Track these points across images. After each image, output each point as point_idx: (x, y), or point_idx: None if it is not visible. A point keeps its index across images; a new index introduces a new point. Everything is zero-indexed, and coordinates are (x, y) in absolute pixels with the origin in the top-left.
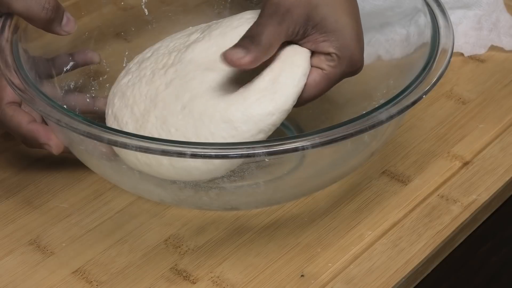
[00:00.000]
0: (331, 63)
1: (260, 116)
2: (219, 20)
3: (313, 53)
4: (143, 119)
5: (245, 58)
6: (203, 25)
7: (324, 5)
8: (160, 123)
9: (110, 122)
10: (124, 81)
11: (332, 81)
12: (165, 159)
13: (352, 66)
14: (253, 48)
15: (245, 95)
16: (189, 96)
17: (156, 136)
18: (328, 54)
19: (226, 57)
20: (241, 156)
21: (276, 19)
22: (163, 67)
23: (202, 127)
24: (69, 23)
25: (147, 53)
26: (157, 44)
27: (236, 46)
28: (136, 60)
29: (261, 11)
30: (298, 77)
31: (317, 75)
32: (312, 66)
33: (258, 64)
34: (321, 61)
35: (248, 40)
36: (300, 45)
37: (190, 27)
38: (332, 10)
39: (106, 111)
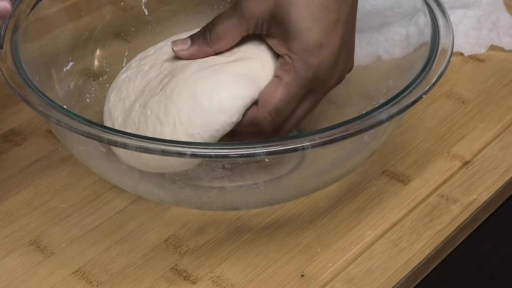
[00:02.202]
0: (284, 67)
1: (225, 94)
2: None
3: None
4: (130, 109)
5: (185, 51)
6: None
7: (291, 4)
8: (141, 109)
9: (106, 118)
10: (122, 77)
11: (290, 90)
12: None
13: (308, 77)
14: (199, 41)
15: (217, 72)
16: (169, 78)
17: (136, 121)
18: (281, 56)
19: (172, 46)
20: (241, 156)
21: (236, 13)
22: (161, 62)
23: (171, 105)
24: None
25: (150, 50)
26: (162, 43)
27: (187, 37)
28: (137, 57)
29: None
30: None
31: (272, 82)
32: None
33: (203, 55)
34: (277, 68)
35: (200, 32)
36: (267, 40)
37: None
38: (297, 11)
39: (104, 108)
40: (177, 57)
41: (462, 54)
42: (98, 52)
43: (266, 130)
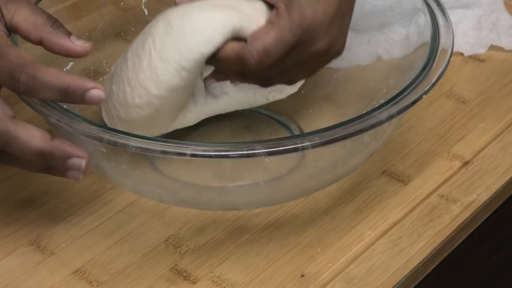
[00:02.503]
0: (278, 12)
1: (198, 15)
2: None
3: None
4: (114, 71)
5: None
6: None
7: None
8: (122, 60)
9: (103, 106)
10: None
11: (282, 33)
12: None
13: (301, 25)
14: None
15: (194, 4)
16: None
17: (118, 72)
18: (276, 4)
19: None
20: (241, 156)
21: None
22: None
23: (147, 37)
24: (79, 40)
25: None
26: None
27: None
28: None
29: None
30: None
31: (264, 25)
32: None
33: None
34: (271, 15)
35: None
36: None
37: None
38: None
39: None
40: None
41: (462, 54)
42: (98, 52)
43: (251, 69)
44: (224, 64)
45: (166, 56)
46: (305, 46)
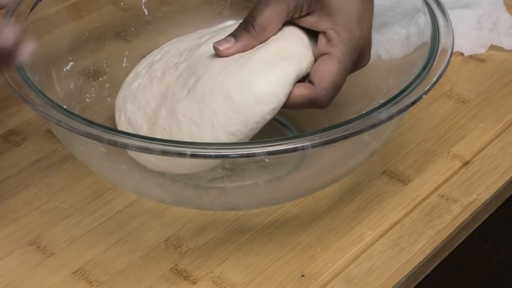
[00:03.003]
0: (332, 42)
1: (258, 85)
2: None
3: (316, 39)
4: (155, 116)
5: (232, 49)
6: (215, 28)
7: None
8: (169, 114)
9: (124, 128)
10: (134, 85)
11: (344, 64)
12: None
13: (356, 48)
14: (243, 36)
15: (244, 64)
16: (194, 79)
17: (166, 128)
18: (326, 32)
19: (214, 48)
20: (241, 156)
21: None
22: (174, 65)
23: (205, 107)
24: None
25: (157, 55)
26: (167, 47)
27: (228, 36)
28: (145, 63)
29: None
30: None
31: (324, 59)
32: (317, 55)
33: (249, 49)
34: (324, 45)
35: (242, 27)
36: (303, 21)
37: (200, 30)
38: None
39: (117, 117)
40: (191, 57)
41: (462, 54)
42: (98, 52)
43: (324, 107)
44: (295, 109)
45: (232, 130)
46: (357, 65)
